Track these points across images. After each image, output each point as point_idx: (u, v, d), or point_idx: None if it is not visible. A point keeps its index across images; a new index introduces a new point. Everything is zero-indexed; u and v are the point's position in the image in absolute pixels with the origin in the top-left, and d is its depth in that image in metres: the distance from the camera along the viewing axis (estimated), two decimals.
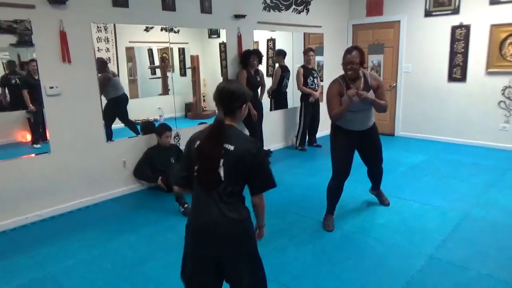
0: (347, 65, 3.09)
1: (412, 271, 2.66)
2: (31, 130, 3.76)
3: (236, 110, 1.75)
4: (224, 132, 1.69)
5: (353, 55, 3.05)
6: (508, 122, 5.63)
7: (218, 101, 1.75)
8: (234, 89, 1.75)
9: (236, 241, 1.73)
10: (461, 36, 5.81)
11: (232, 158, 1.67)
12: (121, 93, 4.44)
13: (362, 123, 3.27)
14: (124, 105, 4.50)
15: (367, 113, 3.26)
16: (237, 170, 1.69)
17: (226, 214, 1.69)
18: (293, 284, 2.55)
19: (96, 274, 2.73)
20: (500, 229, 3.23)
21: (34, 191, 3.62)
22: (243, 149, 1.68)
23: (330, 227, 3.33)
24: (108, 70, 4.25)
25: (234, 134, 1.72)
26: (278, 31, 6.00)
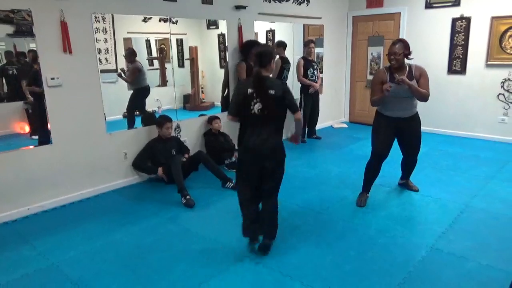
0: (390, 56, 3.34)
1: (413, 261, 2.69)
2: (29, 121, 3.74)
3: (267, 64, 2.63)
4: (264, 80, 2.59)
5: (396, 46, 3.32)
6: (507, 114, 5.65)
7: (256, 60, 2.64)
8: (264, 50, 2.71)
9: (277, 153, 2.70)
10: (461, 28, 5.81)
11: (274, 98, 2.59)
12: (147, 84, 4.68)
13: (403, 110, 3.47)
14: (146, 96, 4.70)
15: (409, 101, 3.44)
16: (279, 105, 2.64)
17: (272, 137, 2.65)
18: (295, 274, 2.57)
19: (100, 265, 2.74)
20: (500, 221, 3.27)
21: (36, 183, 3.62)
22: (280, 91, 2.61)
23: (362, 203, 3.60)
24: (137, 60, 4.47)
25: (272, 82, 2.66)
26: (277, 23, 5.97)
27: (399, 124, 3.51)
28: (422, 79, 3.36)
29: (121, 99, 4.56)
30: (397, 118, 3.49)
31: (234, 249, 2.91)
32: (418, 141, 3.69)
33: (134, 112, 4.58)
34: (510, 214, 3.37)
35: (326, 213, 3.50)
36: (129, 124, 4.48)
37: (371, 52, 6.89)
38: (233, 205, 3.73)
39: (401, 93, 3.36)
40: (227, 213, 3.59)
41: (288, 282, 2.50)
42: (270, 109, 2.58)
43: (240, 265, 2.69)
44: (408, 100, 3.43)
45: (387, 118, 3.54)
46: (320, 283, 2.47)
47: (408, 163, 3.89)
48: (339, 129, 7.05)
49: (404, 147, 3.73)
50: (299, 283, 2.48)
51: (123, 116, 4.57)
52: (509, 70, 5.49)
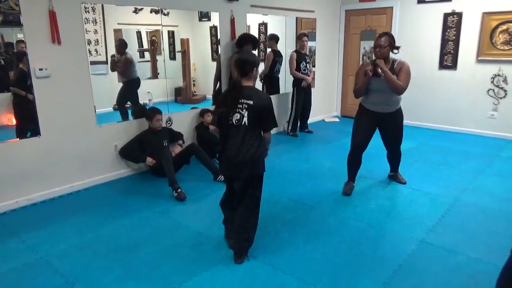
0: (376, 48, 3.37)
1: (403, 255, 2.71)
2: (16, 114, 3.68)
3: (248, 72, 2.52)
4: (242, 90, 2.50)
5: (382, 39, 3.35)
6: (496, 110, 5.71)
7: (236, 68, 2.53)
8: (246, 58, 2.55)
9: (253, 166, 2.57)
10: (453, 24, 5.83)
11: (252, 109, 2.46)
12: (137, 75, 4.62)
13: (384, 105, 3.50)
14: (138, 88, 4.65)
15: (390, 97, 3.46)
16: (256, 117, 2.49)
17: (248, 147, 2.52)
18: (287, 268, 2.57)
19: (90, 258, 2.72)
20: (489, 215, 3.31)
21: (24, 175, 3.56)
22: (259, 102, 2.48)
23: (348, 191, 3.71)
24: (128, 52, 4.41)
25: (252, 92, 2.52)
26: (270, 15, 5.94)
27: (380, 118, 3.57)
28: (401, 72, 3.39)
29: (112, 91, 4.51)
30: (379, 113, 3.54)
31: (224, 243, 2.91)
32: (400, 134, 3.74)
33: (125, 105, 4.54)
34: (498, 208, 3.42)
35: (318, 206, 3.51)
36: (122, 116, 4.45)
37: (364, 46, 6.89)
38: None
39: (379, 85, 3.41)
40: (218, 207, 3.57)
41: (280, 275, 2.50)
42: (249, 120, 2.48)
43: (232, 259, 2.68)
44: (389, 95, 3.45)
45: (369, 112, 3.58)
46: (312, 277, 2.48)
47: (392, 155, 3.96)
48: (331, 123, 7.07)
49: (386, 141, 3.80)
50: (291, 277, 2.48)
51: (113, 108, 4.52)
52: (499, 66, 5.54)
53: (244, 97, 2.48)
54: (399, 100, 3.58)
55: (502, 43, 5.43)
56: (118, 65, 4.37)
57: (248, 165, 2.53)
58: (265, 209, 3.45)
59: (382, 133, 3.74)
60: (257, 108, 2.47)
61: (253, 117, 2.48)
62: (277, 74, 6.02)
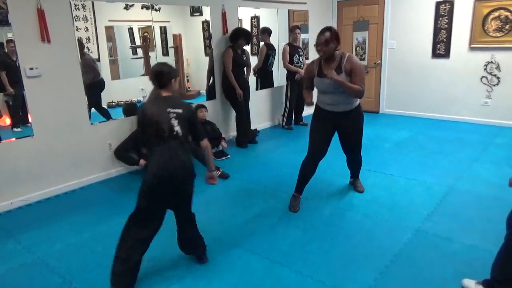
0: (318, 46, 3.04)
1: (399, 244, 2.73)
2: (10, 114, 3.66)
3: (166, 84, 2.32)
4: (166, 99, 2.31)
5: (324, 35, 2.98)
6: (489, 97, 5.73)
7: (153, 81, 2.34)
8: (161, 69, 2.34)
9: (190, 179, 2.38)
10: (445, 12, 5.83)
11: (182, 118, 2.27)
12: (101, 77, 4.32)
13: (337, 104, 3.14)
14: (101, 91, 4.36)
15: (338, 96, 3.09)
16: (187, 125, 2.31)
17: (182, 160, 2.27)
18: (284, 261, 2.58)
19: (87, 257, 2.72)
20: (484, 202, 3.33)
21: (19, 176, 3.55)
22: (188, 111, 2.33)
23: (295, 208, 3.29)
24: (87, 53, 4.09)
25: (177, 101, 2.37)
26: (262, 8, 5.91)
27: (336, 119, 3.20)
28: (354, 74, 3.01)
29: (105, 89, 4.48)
30: (333, 113, 3.18)
31: (222, 237, 2.92)
32: (357, 137, 3.35)
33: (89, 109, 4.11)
34: (493, 195, 3.44)
35: (314, 199, 3.52)
36: (105, 116, 4.28)
37: (356, 37, 6.88)
38: (221, 194, 3.75)
39: (327, 88, 3.08)
40: (214, 202, 3.58)
41: (277, 268, 2.51)
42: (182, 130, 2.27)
43: (229, 253, 2.70)
44: (338, 95, 3.09)
45: (324, 112, 3.22)
46: (309, 269, 2.49)
47: (350, 161, 3.59)
48: None
49: (343, 145, 3.42)
50: (288, 270, 2.49)
51: (107, 106, 4.49)
52: (492, 53, 5.55)
53: (170, 106, 2.28)
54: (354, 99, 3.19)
55: (494, 30, 5.44)
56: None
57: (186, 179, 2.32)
58: (261, 203, 3.47)
59: (339, 136, 3.35)
60: (187, 117, 2.30)
61: (185, 126, 2.29)
62: (271, 68, 6.00)
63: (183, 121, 2.28)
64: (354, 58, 3.08)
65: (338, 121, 3.21)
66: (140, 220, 2.30)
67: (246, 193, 3.74)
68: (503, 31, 5.38)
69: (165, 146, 2.24)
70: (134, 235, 2.29)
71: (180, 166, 2.24)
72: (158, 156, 2.24)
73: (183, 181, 2.30)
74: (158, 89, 2.35)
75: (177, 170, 2.23)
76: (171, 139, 2.24)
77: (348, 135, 3.32)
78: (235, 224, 3.12)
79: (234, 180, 4.03)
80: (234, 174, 4.14)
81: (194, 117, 2.41)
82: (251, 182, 3.97)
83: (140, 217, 2.31)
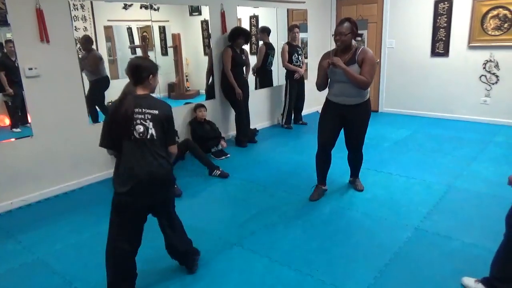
0: (336, 36, 3.08)
1: (399, 243, 2.74)
2: (9, 114, 3.65)
3: (144, 80, 2.11)
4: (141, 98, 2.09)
5: (343, 26, 3.04)
6: (488, 96, 5.74)
7: (129, 75, 2.12)
8: (140, 63, 2.13)
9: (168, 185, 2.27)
10: (444, 11, 5.83)
11: (158, 119, 2.08)
12: (106, 74, 4.34)
13: (347, 96, 3.17)
14: (106, 89, 4.37)
15: (352, 87, 3.11)
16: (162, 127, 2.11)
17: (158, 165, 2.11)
18: (284, 260, 2.59)
19: (87, 257, 2.72)
20: (483, 200, 3.34)
21: (18, 176, 3.54)
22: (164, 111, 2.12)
23: (315, 197, 3.44)
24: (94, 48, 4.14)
25: (152, 101, 2.12)
26: (261, 8, 5.90)
27: (344, 111, 3.23)
28: (364, 64, 3.04)
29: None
30: (342, 105, 3.21)
31: (222, 237, 2.92)
32: (361, 133, 3.37)
33: (94, 106, 4.21)
34: (492, 193, 3.45)
35: None
36: (92, 118, 4.12)
37: None
38: (221, 194, 3.75)
39: (338, 77, 3.13)
40: (214, 201, 3.59)
41: (277, 267, 2.52)
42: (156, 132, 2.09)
43: (228, 253, 2.70)
44: (348, 85, 3.12)
45: (333, 104, 3.28)
46: (308, 267, 2.49)
47: (352, 158, 3.59)
48: None
49: (347, 139, 3.43)
50: (288, 268, 2.50)
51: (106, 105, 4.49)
52: (491, 52, 5.55)
53: (145, 107, 2.08)
54: (365, 91, 3.22)
55: (493, 29, 5.44)
56: (86, 62, 4.08)
57: (164, 186, 2.18)
58: (261, 202, 3.48)
59: (345, 130, 3.38)
60: (163, 118, 2.11)
61: (161, 128, 2.11)
62: (270, 67, 5.99)
63: (158, 123, 2.08)
64: (368, 51, 3.12)
65: (345, 113, 3.25)
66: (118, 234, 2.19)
67: (245, 192, 3.75)
68: (502, 30, 5.38)
69: (135, 150, 2.06)
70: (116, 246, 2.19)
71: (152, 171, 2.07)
72: (127, 161, 2.08)
73: (156, 188, 2.13)
74: (133, 86, 2.13)
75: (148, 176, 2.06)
76: (143, 143, 2.06)
77: (352, 129, 3.34)
78: (235, 223, 3.12)
79: (233, 180, 4.03)
80: (233, 174, 4.14)
81: (169, 120, 2.17)
82: (250, 181, 3.97)
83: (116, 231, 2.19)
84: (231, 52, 4.97)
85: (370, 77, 3.06)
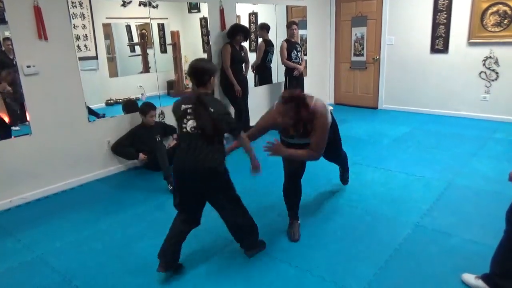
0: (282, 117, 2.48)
1: (399, 239, 2.73)
2: (8, 112, 3.64)
3: (206, 82, 2.30)
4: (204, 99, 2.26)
5: (286, 109, 2.43)
6: (488, 92, 5.73)
7: (191, 76, 2.33)
8: (203, 66, 2.33)
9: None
10: (443, 7, 5.81)
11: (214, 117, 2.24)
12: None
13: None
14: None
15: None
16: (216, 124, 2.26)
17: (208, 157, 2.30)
18: (284, 257, 2.59)
19: (86, 255, 2.71)
20: (483, 197, 3.34)
21: (18, 174, 3.54)
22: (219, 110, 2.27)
23: (295, 236, 2.79)
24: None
25: (211, 100, 2.30)
26: (260, 4, 5.88)
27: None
28: (312, 133, 2.50)
29: (103, 87, 4.47)
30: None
31: (223, 235, 2.91)
32: (334, 146, 2.96)
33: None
34: (492, 189, 3.44)
35: (313, 195, 3.52)
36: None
37: (355, 33, 6.86)
38: None
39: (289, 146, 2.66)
40: None
41: (277, 264, 2.52)
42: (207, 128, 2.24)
43: (229, 250, 2.70)
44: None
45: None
46: (308, 264, 2.49)
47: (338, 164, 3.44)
48: None
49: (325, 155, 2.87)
50: (288, 265, 2.50)
51: (105, 104, 4.49)
52: (490, 48, 5.54)
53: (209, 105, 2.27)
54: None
55: (493, 25, 5.42)
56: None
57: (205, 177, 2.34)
58: (260, 200, 3.47)
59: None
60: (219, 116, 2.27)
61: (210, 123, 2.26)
62: (269, 64, 5.98)
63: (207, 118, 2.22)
64: (322, 112, 2.49)
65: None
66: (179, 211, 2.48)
67: (245, 190, 3.72)
68: (501, 26, 5.37)
69: (186, 142, 2.30)
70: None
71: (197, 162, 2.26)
72: (179, 151, 2.35)
73: (202, 177, 2.30)
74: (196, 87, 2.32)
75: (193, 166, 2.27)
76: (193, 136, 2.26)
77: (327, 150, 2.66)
78: None
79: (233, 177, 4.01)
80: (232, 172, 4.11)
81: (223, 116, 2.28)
82: (250, 179, 3.95)
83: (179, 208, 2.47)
84: (230, 49, 4.96)
85: (319, 148, 2.53)
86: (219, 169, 2.36)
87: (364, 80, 7.00)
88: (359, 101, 7.15)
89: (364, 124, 5.90)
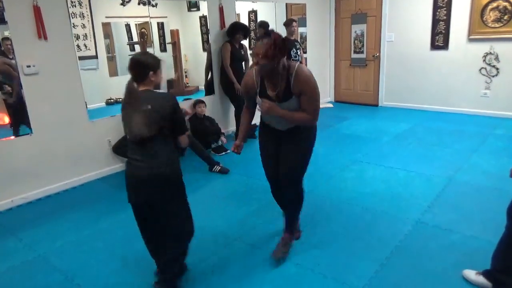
0: (254, 58, 2.22)
1: (400, 236, 2.74)
2: (8, 112, 3.64)
3: (145, 77, 2.02)
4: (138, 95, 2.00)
5: (263, 43, 2.12)
6: (489, 88, 5.72)
7: (129, 70, 2.04)
8: (141, 59, 2.04)
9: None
10: (443, 3, 5.80)
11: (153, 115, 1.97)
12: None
13: (280, 122, 2.40)
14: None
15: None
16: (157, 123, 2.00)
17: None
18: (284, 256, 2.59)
19: (88, 254, 2.72)
20: (483, 193, 3.33)
21: (19, 174, 3.54)
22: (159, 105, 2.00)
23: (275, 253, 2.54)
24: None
25: (149, 95, 2.02)
26: (259, 2, 5.88)
27: (279, 136, 2.47)
28: (303, 96, 2.25)
29: (103, 86, 4.47)
30: (278, 130, 2.46)
31: (223, 233, 2.92)
32: (295, 162, 2.46)
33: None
34: (492, 185, 3.44)
35: (313, 193, 3.52)
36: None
37: (355, 30, 6.85)
38: (221, 189, 3.75)
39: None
40: (215, 197, 3.59)
41: (278, 262, 2.52)
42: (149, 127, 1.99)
43: (229, 249, 2.70)
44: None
45: (268, 128, 2.52)
46: (309, 262, 2.50)
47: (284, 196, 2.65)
48: (325, 108, 7.05)
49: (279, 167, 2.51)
50: (289, 263, 2.50)
51: (106, 103, 4.49)
52: (490, 44, 5.53)
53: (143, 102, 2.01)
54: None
55: (493, 21, 5.41)
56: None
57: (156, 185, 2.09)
58: (261, 197, 3.47)
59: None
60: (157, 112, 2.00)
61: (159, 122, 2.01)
62: None
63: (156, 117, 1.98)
64: (303, 73, 2.24)
65: (281, 139, 2.47)
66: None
67: (246, 187, 3.75)
68: (501, 22, 5.35)
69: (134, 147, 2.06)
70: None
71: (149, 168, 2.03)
72: (129, 158, 2.10)
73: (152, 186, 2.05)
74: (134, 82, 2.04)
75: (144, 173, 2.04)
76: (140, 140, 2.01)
77: (285, 155, 2.46)
78: (236, 219, 3.13)
79: (234, 175, 4.03)
80: (234, 169, 4.14)
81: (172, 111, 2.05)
82: (251, 176, 3.97)
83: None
84: (230, 47, 4.95)
85: (315, 111, 2.31)
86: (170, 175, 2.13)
87: (364, 77, 7.00)
88: (359, 98, 7.15)
89: (365, 121, 5.90)
